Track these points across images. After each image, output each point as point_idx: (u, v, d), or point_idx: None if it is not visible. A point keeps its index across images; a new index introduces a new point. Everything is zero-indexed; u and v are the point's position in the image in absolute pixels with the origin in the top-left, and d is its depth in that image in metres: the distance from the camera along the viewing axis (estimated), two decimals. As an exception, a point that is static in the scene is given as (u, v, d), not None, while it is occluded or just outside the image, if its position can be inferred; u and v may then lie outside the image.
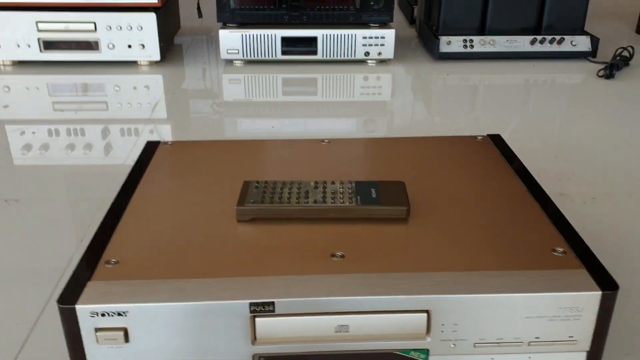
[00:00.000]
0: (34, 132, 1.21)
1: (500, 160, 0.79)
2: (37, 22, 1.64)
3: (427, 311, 0.53)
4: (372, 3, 1.65)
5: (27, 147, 0.98)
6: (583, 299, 0.53)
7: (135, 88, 1.58)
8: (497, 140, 0.86)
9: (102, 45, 1.67)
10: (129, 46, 1.67)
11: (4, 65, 1.72)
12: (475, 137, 0.86)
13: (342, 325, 0.53)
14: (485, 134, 0.88)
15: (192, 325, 0.53)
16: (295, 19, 1.68)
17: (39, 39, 1.66)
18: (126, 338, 0.53)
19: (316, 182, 0.68)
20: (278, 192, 0.66)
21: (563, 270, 0.55)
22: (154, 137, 1.16)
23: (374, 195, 0.65)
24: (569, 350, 0.55)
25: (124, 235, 0.62)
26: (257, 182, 0.68)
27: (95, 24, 1.64)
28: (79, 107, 1.38)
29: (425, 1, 1.93)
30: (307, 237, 0.61)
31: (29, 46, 1.66)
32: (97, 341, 0.53)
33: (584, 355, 0.56)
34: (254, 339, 0.54)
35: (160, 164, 0.78)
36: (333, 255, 0.57)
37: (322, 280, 0.54)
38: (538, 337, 0.55)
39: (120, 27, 1.64)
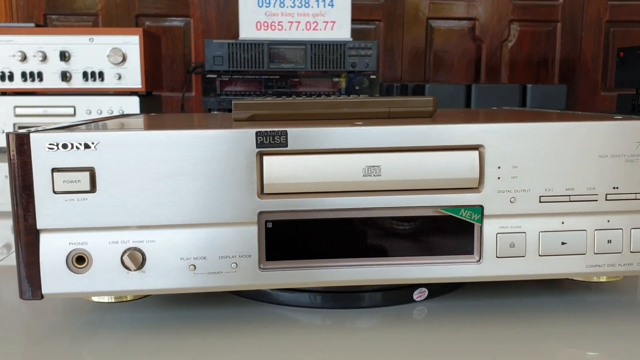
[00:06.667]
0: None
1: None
2: (14, 107, 1.59)
3: (479, 147, 0.42)
4: (357, 87, 1.65)
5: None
6: (667, 130, 0.43)
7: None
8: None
9: (80, 130, 1.61)
10: (108, 131, 1.61)
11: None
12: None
13: (373, 167, 0.42)
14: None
15: (182, 166, 0.41)
16: (280, 105, 1.66)
17: (14, 124, 1.60)
18: (92, 183, 0.40)
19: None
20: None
21: None
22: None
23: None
24: (658, 210, 0.44)
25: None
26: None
27: (74, 108, 1.60)
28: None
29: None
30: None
31: (2, 132, 1.60)
32: (54, 188, 0.40)
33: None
34: (261, 187, 0.42)
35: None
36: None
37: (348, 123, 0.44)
38: (616, 187, 0.43)
39: (101, 111, 1.60)
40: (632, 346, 0.42)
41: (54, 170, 0.40)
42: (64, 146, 0.40)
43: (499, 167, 0.42)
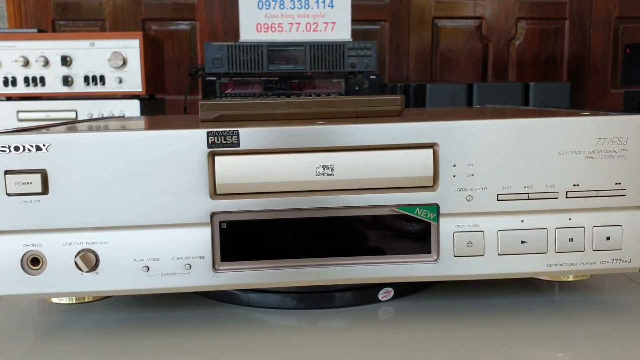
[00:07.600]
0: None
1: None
2: (17, 112, 1.61)
3: (433, 145, 0.42)
4: (356, 88, 1.65)
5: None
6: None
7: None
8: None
9: (82, 134, 1.63)
10: (110, 134, 1.62)
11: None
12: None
13: (326, 166, 0.42)
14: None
15: (134, 167, 0.41)
16: (280, 106, 1.66)
17: (17, 129, 1.62)
18: (45, 185, 0.41)
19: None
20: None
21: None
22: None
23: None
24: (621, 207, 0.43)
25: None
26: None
27: (76, 111, 1.61)
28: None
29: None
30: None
31: (6, 137, 1.61)
32: (7, 190, 0.40)
33: None
34: (214, 187, 0.41)
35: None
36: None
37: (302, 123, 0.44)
38: (577, 185, 0.43)
39: (102, 114, 1.61)
40: (598, 346, 0.41)
41: (6, 172, 0.40)
42: (16, 148, 0.40)
43: (454, 165, 0.42)
